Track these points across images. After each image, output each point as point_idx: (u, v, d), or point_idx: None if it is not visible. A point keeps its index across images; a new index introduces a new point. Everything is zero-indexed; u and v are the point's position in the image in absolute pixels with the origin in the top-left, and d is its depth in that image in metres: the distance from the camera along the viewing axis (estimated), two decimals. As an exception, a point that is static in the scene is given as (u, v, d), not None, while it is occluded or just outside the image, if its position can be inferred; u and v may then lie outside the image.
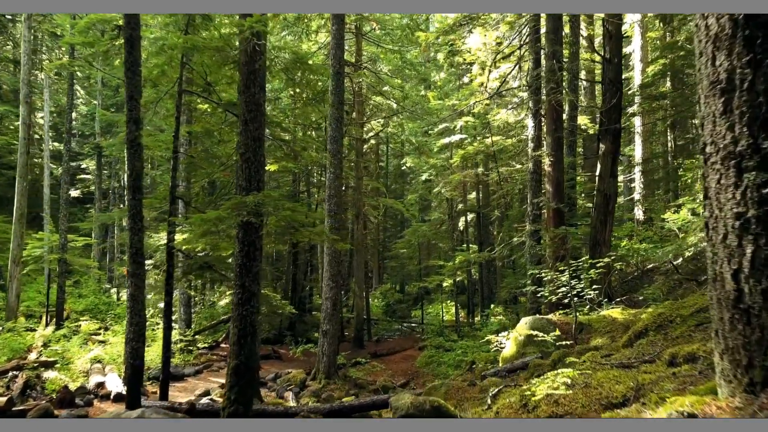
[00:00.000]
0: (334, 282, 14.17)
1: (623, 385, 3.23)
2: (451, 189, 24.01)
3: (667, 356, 3.40)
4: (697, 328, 4.89)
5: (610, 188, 12.04)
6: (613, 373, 3.63)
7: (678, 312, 5.38)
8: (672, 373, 3.16)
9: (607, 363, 4.45)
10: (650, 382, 3.11)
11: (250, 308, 6.74)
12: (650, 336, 5.35)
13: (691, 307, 5.33)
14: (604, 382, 3.42)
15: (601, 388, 3.32)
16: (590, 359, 5.03)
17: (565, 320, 8.47)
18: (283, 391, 12.72)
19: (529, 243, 12.63)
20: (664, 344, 4.79)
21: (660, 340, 5.02)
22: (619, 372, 3.67)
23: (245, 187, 6.89)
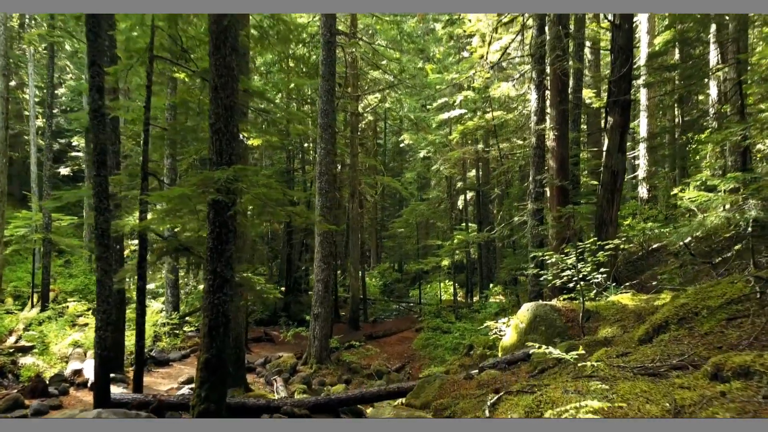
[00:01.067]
0: (326, 263, 13.52)
1: (656, 405, 2.56)
2: (450, 166, 23.22)
3: (709, 367, 2.72)
4: (729, 323, 4.21)
5: (618, 164, 11.29)
6: (639, 386, 2.96)
7: (704, 303, 4.70)
8: (720, 392, 2.50)
9: (626, 366, 3.78)
10: (692, 403, 2.44)
11: (223, 296, 6.06)
12: (672, 330, 4.67)
13: (720, 297, 4.64)
14: (630, 399, 2.75)
15: (628, 407, 2.65)
16: (604, 358, 4.36)
17: (571, 307, 7.82)
18: (272, 377, 12.15)
19: (531, 223, 11.92)
20: (691, 342, 4.12)
21: (685, 336, 4.35)
22: (647, 384, 3.00)
23: (216, 161, 6.16)
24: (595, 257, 7.74)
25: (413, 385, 7.26)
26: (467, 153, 22.07)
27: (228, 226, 6.19)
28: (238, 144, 6.35)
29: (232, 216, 6.24)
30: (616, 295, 8.34)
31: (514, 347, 7.84)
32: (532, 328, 7.71)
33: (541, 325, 7.60)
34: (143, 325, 8.36)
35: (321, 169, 13.53)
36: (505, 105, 20.47)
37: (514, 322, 8.19)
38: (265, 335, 17.63)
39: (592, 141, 20.75)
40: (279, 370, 12.71)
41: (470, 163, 26.51)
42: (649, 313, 6.68)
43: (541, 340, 7.47)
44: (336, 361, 14.21)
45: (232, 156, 6.24)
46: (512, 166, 19.93)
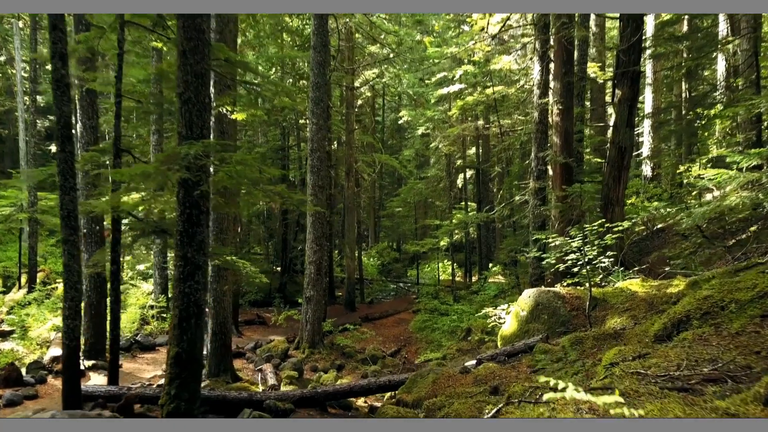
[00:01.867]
0: (318, 245, 12.96)
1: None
2: (450, 143, 22.52)
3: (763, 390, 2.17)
4: (764, 321, 3.65)
5: (625, 140, 10.64)
6: (671, 407, 2.40)
7: (732, 295, 4.13)
8: (785, 428, 1.97)
9: (647, 374, 3.22)
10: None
11: (194, 284, 5.51)
12: (695, 327, 4.11)
13: (750, 290, 4.07)
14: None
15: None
16: (619, 360, 3.81)
17: (575, 293, 7.27)
18: (262, 363, 11.69)
19: (533, 202, 11.33)
20: (721, 344, 3.56)
21: (712, 335, 3.79)
22: (680, 404, 2.44)
23: (185, 135, 5.54)
24: (602, 240, 7.17)
25: (405, 378, 6.75)
26: (467, 130, 21.35)
27: (200, 207, 5.59)
28: (209, 116, 5.72)
29: (204, 196, 5.64)
30: (624, 280, 7.79)
31: (515, 336, 7.32)
32: (533, 316, 7.17)
33: (543, 313, 7.06)
34: (118, 312, 7.81)
35: (313, 145, 12.87)
36: (506, 79, 19.70)
37: (515, 310, 7.66)
38: (258, 318, 17.17)
39: (595, 117, 20.02)
40: (269, 355, 12.24)
41: (470, 140, 25.80)
42: (662, 301, 6.12)
43: (544, 330, 6.95)
44: (329, 345, 13.76)
45: (203, 129, 5.61)
46: (513, 143, 19.24)
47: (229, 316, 10.15)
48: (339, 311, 19.89)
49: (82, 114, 10.71)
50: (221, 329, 10.00)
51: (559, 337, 6.68)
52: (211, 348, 10.01)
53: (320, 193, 12.84)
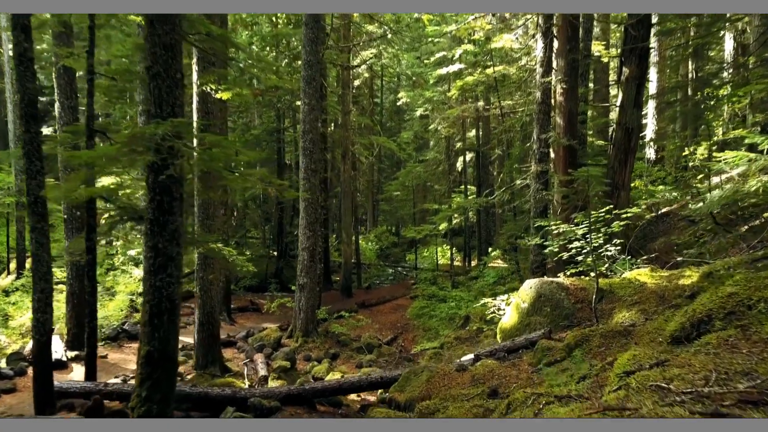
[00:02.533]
0: (311, 230, 12.49)
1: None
2: (449, 125, 21.92)
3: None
4: (801, 325, 3.19)
5: (633, 120, 10.13)
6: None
7: (760, 293, 3.67)
8: None
9: (669, 388, 2.77)
10: None
11: (167, 277, 5.05)
12: (718, 329, 3.66)
13: (781, 288, 3.61)
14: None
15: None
16: (635, 368, 3.35)
17: (580, 284, 6.82)
18: (254, 353, 11.30)
19: (535, 187, 10.84)
20: (752, 351, 3.11)
21: (740, 340, 3.33)
22: (720, 440, 1.99)
23: (154, 113, 5.05)
24: (609, 227, 6.71)
25: (398, 375, 6.33)
26: (467, 111, 20.74)
27: (172, 193, 5.11)
28: (181, 92, 5.20)
29: (177, 181, 5.15)
30: (631, 270, 7.34)
31: (515, 330, 6.89)
32: (535, 308, 6.73)
33: (545, 305, 6.62)
34: (95, 304, 7.38)
35: (305, 127, 12.33)
36: (507, 58, 19.05)
37: (515, 301, 7.22)
38: (252, 305, 16.78)
39: (599, 97, 19.43)
40: (261, 344, 11.85)
41: (470, 122, 25.19)
42: (675, 295, 5.68)
43: (546, 323, 6.51)
44: (324, 333, 13.37)
45: (175, 107, 5.10)
46: (514, 125, 18.67)
47: (216, 306, 9.72)
48: (335, 297, 19.51)
49: (60, 93, 10.17)
50: (208, 319, 9.58)
51: (562, 331, 6.24)
52: (198, 339, 9.60)
53: (313, 177, 12.33)
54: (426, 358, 11.55)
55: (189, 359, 9.98)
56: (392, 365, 12.01)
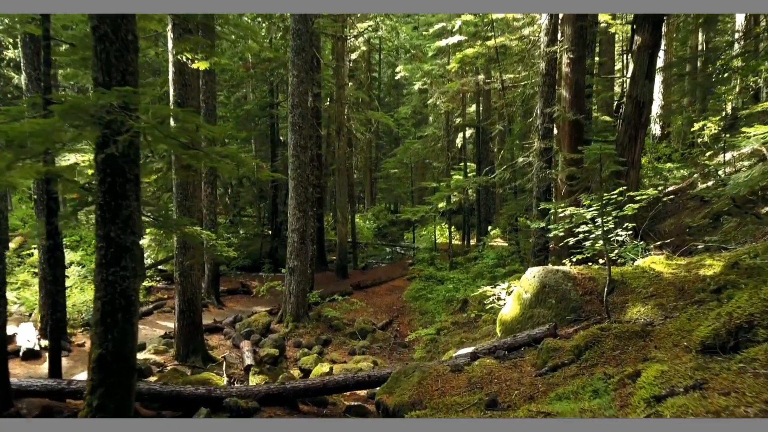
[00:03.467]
0: (301, 211, 11.84)
1: None
2: (448, 100, 21.07)
3: None
4: None
5: (644, 93, 9.39)
6: None
7: (815, 297, 3.06)
8: None
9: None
10: None
11: (120, 271, 4.44)
12: (763, 340, 3.04)
13: (841, 290, 2.99)
14: None
15: None
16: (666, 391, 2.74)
17: (588, 273, 6.20)
18: (240, 340, 10.77)
19: (538, 165, 10.14)
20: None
21: (797, 358, 2.72)
22: None
23: (101, 81, 4.37)
24: (621, 210, 6.06)
25: (387, 373, 5.75)
26: (466, 85, 19.89)
27: (125, 174, 4.45)
28: (135, 57, 4.50)
29: (131, 160, 4.49)
30: (644, 257, 6.72)
31: (516, 322, 6.29)
32: (539, 300, 6.13)
33: (550, 296, 6.01)
34: (60, 294, 6.81)
35: (294, 100, 11.59)
36: (509, 29, 18.15)
37: (517, 291, 6.61)
38: (242, 287, 16.23)
39: (604, 71, 18.57)
40: (249, 330, 11.31)
41: (470, 97, 24.36)
42: (696, 288, 5.06)
43: (551, 317, 5.91)
44: (316, 317, 12.83)
45: (126, 75, 4.40)
46: (515, 99, 17.86)
47: (198, 292, 9.13)
48: (330, 278, 18.98)
49: (27, 63, 9.41)
50: (189, 306, 9.00)
51: (569, 326, 5.65)
52: (179, 327, 9.05)
53: (302, 154, 11.64)
54: (421, 345, 11.03)
55: (170, 348, 9.43)
56: (386, 352, 11.50)
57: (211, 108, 13.67)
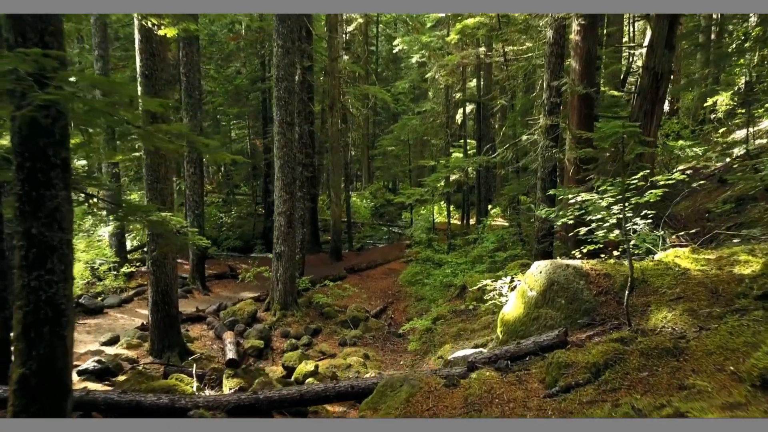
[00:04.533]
0: (288, 193, 11.05)
1: None
2: (447, 74, 20.08)
3: None
4: None
5: (663, 64, 8.52)
6: None
7: None
8: None
9: None
10: None
11: (46, 275, 3.68)
12: None
13: None
14: None
15: None
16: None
17: (602, 269, 5.44)
18: (224, 330, 10.09)
19: (543, 143, 9.32)
20: None
21: None
22: None
23: (12, 42, 3.56)
24: (643, 197, 5.27)
25: (372, 385, 5.04)
26: (467, 58, 18.88)
27: (48, 159, 3.65)
28: (59, 17, 3.66)
29: (58, 142, 3.69)
30: (665, 249, 5.96)
31: (520, 324, 5.56)
32: (546, 299, 5.39)
33: (559, 296, 5.27)
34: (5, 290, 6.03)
35: (279, 73, 10.70)
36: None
37: (521, 287, 5.86)
38: (231, 271, 15.52)
39: (612, 41, 17.53)
40: (233, 320, 10.63)
41: (470, 71, 23.34)
42: (733, 291, 4.32)
43: (560, 319, 5.18)
44: (306, 304, 12.15)
45: (44, 36, 3.57)
46: (518, 72, 16.89)
47: (173, 282, 8.40)
48: (323, 260, 18.29)
49: None
50: (164, 298, 8.28)
51: (581, 331, 4.92)
52: (153, 321, 8.34)
53: (289, 132, 10.79)
54: (416, 336, 10.36)
55: (145, 341, 8.75)
56: (379, 342, 10.83)
57: (193, 82, 12.76)
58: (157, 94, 7.85)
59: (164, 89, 7.95)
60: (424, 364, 8.92)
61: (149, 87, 7.80)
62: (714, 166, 13.26)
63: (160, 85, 7.89)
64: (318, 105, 23.14)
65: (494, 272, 12.81)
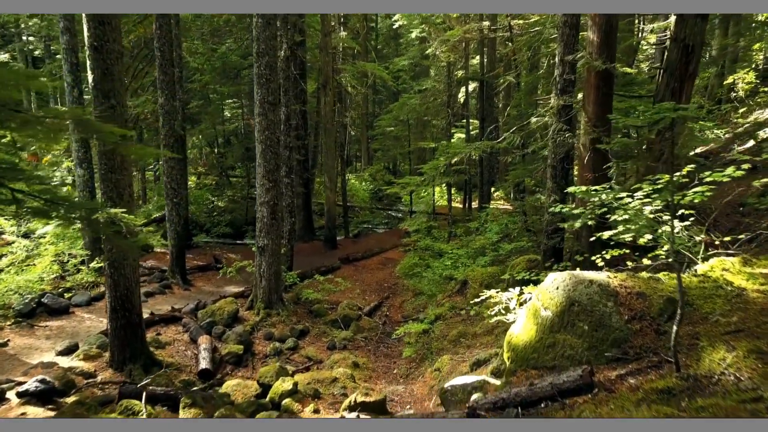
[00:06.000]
0: (271, 180, 10.01)
1: None
2: (449, 50, 18.82)
3: None
4: None
5: (695, 35, 7.38)
6: None
7: None
8: None
9: None
10: None
11: None
12: None
13: None
14: None
15: None
16: None
17: (634, 286, 4.42)
18: (200, 333, 9.15)
19: (555, 126, 8.21)
20: None
21: None
22: None
23: None
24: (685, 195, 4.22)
25: None
26: (469, 32, 17.62)
27: None
28: None
29: None
30: (706, 259, 4.93)
31: (532, 350, 4.57)
32: (564, 322, 4.39)
33: (581, 320, 4.27)
34: None
35: (259, 47, 9.58)
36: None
37: (533, 304, 4.86)
38: (215, 262, 14.54)
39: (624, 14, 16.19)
40: (211, 321, 9.69)
41: (473, 48, 22.06)
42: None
43: (582, 349, 4.19)
44: (294, 300, 11.21)
45: None
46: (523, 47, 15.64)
47: (134, 285, 7.42)
48: (317, 249, 17.32)
49: None
50: (123, 304, 7.31)
51: (611, 367, 3.92)
52: (112, 330, 7.39)
53: (271, 112, 9.70)
54: (412, 340, 9.39)
55: (106, 351, 7.80)
56: (372, 345, 9.88)
57: (168, 58, 11.63)
58: (108, 69, 6.77)
59: (117, 63, 6.84)
60: (419, 376, 7.98)
61: (99, 61, 6.71)
62: (735, 150, 12.18)
63: (113, 59, 6.80)
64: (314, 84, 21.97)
65: (497, 265, 11.84)
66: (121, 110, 7.01)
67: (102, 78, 6.79)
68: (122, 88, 7.04)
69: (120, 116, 6.98)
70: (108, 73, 6.80)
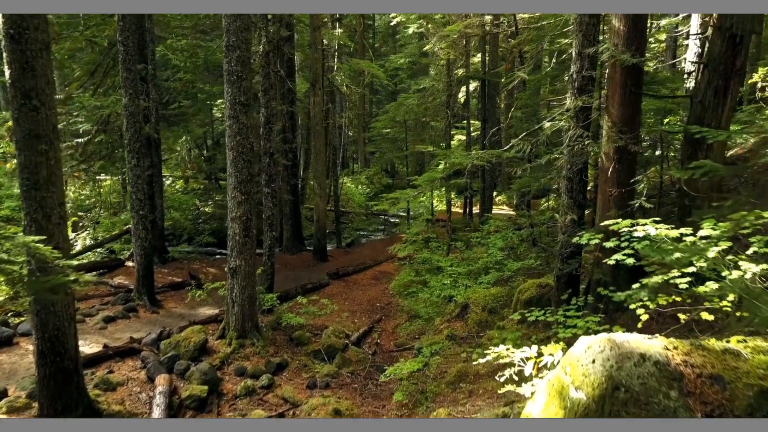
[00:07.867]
0: (243, 193, 8.75)
1: None
2: (448, 46, 17.56)
3: None
4: None
5: (744, 23, 6.14)
6: None
7: None
8: None
9: None
10: None
11: None
12: None
13: None
14: None
15: None
16: None
17: (703, 364, 3.15)
18: (159, 371, 7.91)
19: (572, 132, 6.95)
20: None
21: None
22: None
23: None
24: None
25: None
26: (470, 27, 16.37)
27: None
28: None
29: None
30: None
31: (557, 447, 3.28)
32: (605, 412, 3.13)
33: (631, 414, 3.00)
34: None
35: (230, 40, 8.33)
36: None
37: (559, 380, 3.58)
38: (192, 278, 13.28)
39: None
40: (174, 355, 8.43)
41: (474, 45, 20.85)
42: None
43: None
44: (272, 326, 9.94)
45: None
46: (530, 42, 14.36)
47: (66, 325, 6.17)
48: (306, 261, 16.06)
49: None
50: (53, 347, 6.06)
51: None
52: (40, 378, 6.13)
53: (243, 115, 8.45)
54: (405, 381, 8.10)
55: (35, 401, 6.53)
56: (359, 383, 8.58)
57: (132, 53, 10.38)
58: (29, 63, 5.52)
59: (41, 56, 5.59)
60: (410, 430, 6.70)
61: (17, 53, 5.47)
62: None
63: (35, 50, 5.54)
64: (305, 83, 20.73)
65: (502, 286, 10.60)
66: (48, 113, 5.76)
67: (21, 74, 5.54)
68: (49, 87, 5.78)
69: (46, 120, 5.75)
70: (29, 68, 5.56)
